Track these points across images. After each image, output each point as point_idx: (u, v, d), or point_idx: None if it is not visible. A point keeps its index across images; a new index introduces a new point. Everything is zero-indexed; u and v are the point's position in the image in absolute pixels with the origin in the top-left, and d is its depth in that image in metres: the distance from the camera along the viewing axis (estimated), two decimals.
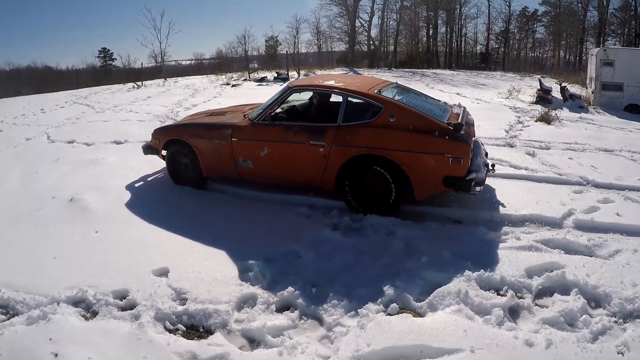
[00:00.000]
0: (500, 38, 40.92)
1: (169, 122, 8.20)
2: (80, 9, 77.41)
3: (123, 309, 2.89)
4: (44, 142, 8.05)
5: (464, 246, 3.53)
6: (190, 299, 2.95)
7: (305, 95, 5.13)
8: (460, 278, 3.02)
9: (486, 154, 4.58)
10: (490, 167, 4.61)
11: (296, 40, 42.13)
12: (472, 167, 3.94)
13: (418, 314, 2.76)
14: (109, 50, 50.82)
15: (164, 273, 3.29)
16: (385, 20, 35.57)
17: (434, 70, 23.95)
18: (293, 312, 2.84)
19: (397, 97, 4.36)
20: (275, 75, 19.58)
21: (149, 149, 5.40)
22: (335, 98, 4.63)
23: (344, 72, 21.91)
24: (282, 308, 2.89)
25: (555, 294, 2.91)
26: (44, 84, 36.87)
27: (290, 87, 4.57)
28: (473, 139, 4.30)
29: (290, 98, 4.76)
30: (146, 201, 4.75)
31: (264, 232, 3.90)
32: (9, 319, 2.86)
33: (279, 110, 4.62)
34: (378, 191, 4.06)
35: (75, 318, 2.80)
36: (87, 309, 2.93)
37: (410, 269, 3.20)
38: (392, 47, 36.92)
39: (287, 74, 19.55)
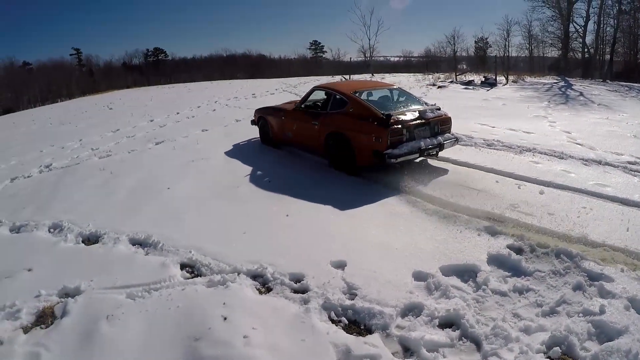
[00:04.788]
0: None
1: None
2: (294, 2, 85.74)
3: (296, 291, 3.13)
4: (252, 126, 9.07)
5: None
6: (360, 296, 3.01)
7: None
8: (635, 336, 2.52)
9: (439, 144, 5.54)
10: (433, 153, 5.67)
11: (506, 43, 38.44)
12: (398, 146, 5.20)
13: None
14: (319, 42, 55.40)
15: (341, 265, 3.43)
16: (601, 26, 30.48)
17: None
18: (455, 331, 2.69)
19: (374, 97, 6.37)
20: (483, 79, 18.48)
21: (253, 122, 8.23)
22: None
23: (555, 80, 19.41)
24: (445, 324, 2.76)
25: None
26: (257, 70, 42.06)
27: (315, 87, 6.94)
28: (430, 127, 5.58)
29: (314, 93, 6.90)
30: (338, 191, 5.09)
31: (446, 241, 3.77)
32: (192, 278, 3.37)
33: (307, 102, 6.92)
34: (342, 156, 5.79)
35: (250, 290, 3.14)
36: (263, 284, 3.25)
37: (586, 311, 2.77)
38: (608, 56, 31.39)
39: (495, 79, 18.14)
